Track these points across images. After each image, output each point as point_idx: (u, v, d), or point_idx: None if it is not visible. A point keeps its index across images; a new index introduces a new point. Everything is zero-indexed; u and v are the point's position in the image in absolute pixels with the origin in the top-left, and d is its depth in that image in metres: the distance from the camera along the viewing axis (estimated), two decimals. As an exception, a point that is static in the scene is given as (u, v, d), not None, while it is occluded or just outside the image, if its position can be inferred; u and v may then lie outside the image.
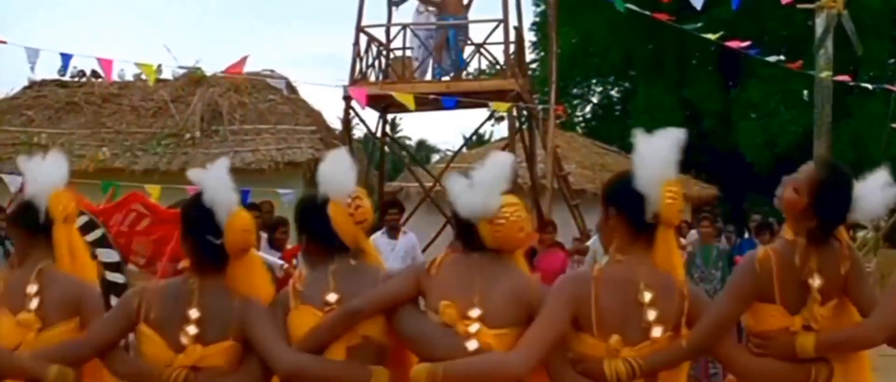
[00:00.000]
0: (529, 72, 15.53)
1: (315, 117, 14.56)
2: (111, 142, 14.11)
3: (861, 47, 20.29)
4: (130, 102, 14.65)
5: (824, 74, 17.53)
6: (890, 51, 27.07)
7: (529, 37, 31.16)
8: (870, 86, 17.55)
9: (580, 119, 31.58)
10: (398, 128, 32.46)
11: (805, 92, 25.76)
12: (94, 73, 15.01)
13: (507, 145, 13.69)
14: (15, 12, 60.79)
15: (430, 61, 13.86)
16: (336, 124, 14.72)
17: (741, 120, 26.79)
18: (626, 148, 22.70)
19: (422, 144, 42.75)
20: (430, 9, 13.69)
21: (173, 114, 14.30)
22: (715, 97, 27.67)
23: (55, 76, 14.92)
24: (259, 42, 69.22)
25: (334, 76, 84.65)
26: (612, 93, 31.92)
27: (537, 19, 31.27)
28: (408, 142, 35.97)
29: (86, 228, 9.98)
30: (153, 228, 11.24)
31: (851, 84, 17.64)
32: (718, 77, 28.61)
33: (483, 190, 3.14)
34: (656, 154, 3.13)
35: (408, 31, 13.80)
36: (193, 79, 14.32)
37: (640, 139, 3.18)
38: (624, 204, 3.16)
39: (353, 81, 13.19)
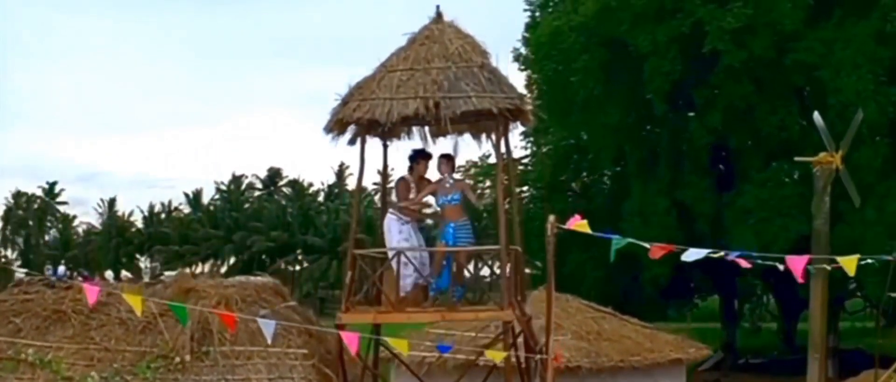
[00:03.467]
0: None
1: (307, 337, 14.33)
2: (99, 362, 13.88)
3: (859, 200, 20.12)
4: (119, 314, 14.39)
5: (824, 261, 17.33)
6: (884, 157, 26.99)
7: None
8: (870, 260, 17.28)
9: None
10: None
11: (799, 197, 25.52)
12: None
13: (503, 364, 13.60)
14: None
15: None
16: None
17: (735, 225, 26.71)
18: (623, 307, 22.51)
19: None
20: (429, 221, 13.52)
21: (162, 331, 14.07)
22: (708, 200, 27.51)
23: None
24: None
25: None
26: (604, 186, 31.70)
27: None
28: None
29: None
30: None
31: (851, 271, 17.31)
32: (711, 180, 28.40)
33: None
34: None
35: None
36: (183, 289, 14.07)
37: None
38: None
39: (346, 309, 13.01)
